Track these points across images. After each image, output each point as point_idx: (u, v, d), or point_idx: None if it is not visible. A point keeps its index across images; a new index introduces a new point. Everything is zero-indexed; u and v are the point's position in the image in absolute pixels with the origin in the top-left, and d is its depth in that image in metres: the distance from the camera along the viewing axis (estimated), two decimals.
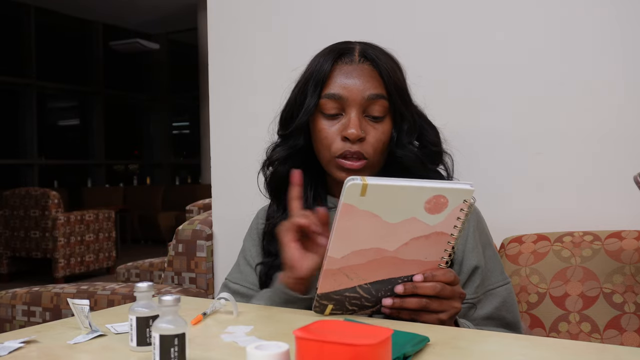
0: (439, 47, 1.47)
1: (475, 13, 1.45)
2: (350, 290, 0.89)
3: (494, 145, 1.42)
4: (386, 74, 1.06)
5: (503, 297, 1.08)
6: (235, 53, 1.75)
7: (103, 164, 10.01)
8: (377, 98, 1.05)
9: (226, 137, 1.77)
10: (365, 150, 1.05)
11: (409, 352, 0.72)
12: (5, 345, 0.78)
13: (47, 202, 5.43)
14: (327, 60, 1.08)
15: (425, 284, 0.87)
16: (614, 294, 1.18)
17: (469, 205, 0.83)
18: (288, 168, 1.10)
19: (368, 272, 0.87)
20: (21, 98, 8.86)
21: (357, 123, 1.04)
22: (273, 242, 1.10)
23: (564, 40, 1.37)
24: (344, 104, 1.06)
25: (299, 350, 0.59)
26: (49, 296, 1.98)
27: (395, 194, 0.81)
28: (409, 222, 0.83)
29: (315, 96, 1.07)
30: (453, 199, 0.82)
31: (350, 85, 1.05)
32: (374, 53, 1.08)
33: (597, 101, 1.34)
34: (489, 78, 1.43)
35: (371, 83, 1.06)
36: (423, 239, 0.85)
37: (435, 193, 0.81)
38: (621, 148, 1.33)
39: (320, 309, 0.92)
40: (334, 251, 0.85)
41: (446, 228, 0.84)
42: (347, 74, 1.06)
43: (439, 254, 0.87)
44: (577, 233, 1.28)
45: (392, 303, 0.88)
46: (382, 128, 1.07)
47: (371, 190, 0.80)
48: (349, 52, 1.09)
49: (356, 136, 1.03)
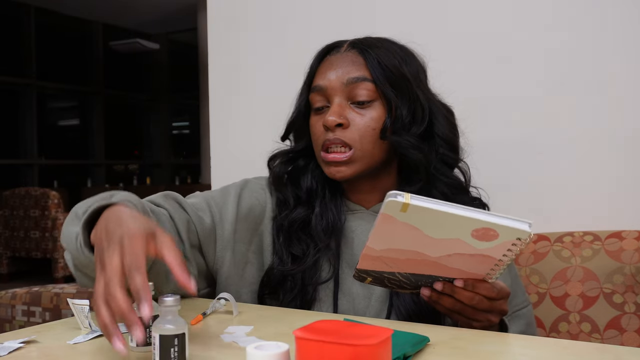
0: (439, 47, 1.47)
1: (476, 13, 1.45)
2: (389, 273, 0.86)
3: (494, 145, 1.42)
4: (370, 57, 0.99)
5: (527, 318, 1.05)
6: (235, 53, 1.74)
7: (103, 164, 10.00)
8: (357, 81, 0.98)
9: (226, 137, 1.77)
10: (349, 137, 0.98)
11: (409, 352, 0.72)
12: (5, 345, 0.78)
13: (47, 202, 5.43)
14: (317, 57, 1.06)
15: (464, 292, 0.82)
16: (614, 294, 1.18)
17: (522, 242, 0.75)
18: (287, 169, 1.08)
19: (408, 266, 0.83)
20: (21, 98, 8.85)
21: (336, 110, 0.98)
22: (292, 242, 1.03)
23: (564, 41, 1.37)
24: (327, 95, 1.01)
25: (299, 350, 0.59)
26: (49, 296, 1.98)
27: (440, 217, 0.73)
28: (454, 241, 0.76)
29: (304, 93, 1.05)
30: (505, 234, 0.74)
31: (330, 75, 1.01)
32: (365, 42, 1.03)
33: (597, 101, 1.34)
34: (489, 78, 1.43)
35: (352, 67, 1.00)
36: (467, 256, 0.79)
37: (485, 226, 0.73)
38: (621, 148, 1.33)
39: (360, 278, 0.89)
40: (373, 243, 0.80)
41: (494, 254, 0.77)
42: (330, 65, 1.03)
43: (484, 270, 0.82)
44: (577, 233, 1.28)
45: (430, 295, 0.84)
46: (370, 114, 0.99)
47: (413, 210, 0.73)
48: (339, 45, 1.06)
49: (332, 122, 0.97)
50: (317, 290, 1.02)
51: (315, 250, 1.01)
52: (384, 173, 1.05)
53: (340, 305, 1.01)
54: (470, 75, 1.45)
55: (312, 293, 1.01)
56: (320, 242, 1.02)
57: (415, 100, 1.01)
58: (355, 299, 1.02)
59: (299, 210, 1.05)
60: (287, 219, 1.04)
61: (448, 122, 1.05)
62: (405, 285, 0.89)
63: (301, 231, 1.04)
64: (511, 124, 1.41)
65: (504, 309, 0.87)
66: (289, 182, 1.08)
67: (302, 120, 1.07)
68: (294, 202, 1.06)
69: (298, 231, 1.04)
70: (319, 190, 1.06)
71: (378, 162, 1.02)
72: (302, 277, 1.01)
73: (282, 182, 1.08)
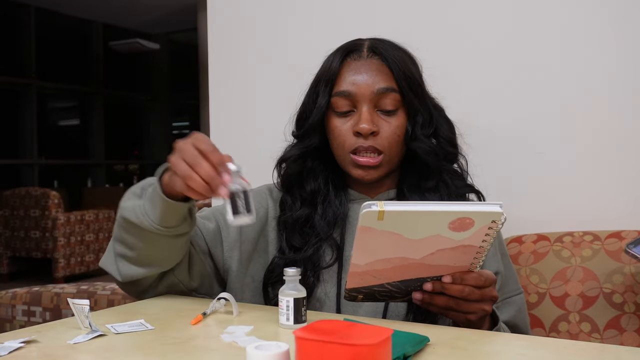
0: (439, 46, 1.47)
1: (475, 12, 1.45)
2: (378, 286, 0.88)
3: (494, 144, 1.42)
4: (395, 67, 1.06)
5: (518, 305, 1.10)
6: (235, 53, 1.74)
7: (103, 164, 10.00)
8: (387, 91, 1.05)
9: (226, 137, 1.77)
10: (380, 144, 1.04)
11: (409, 352, 0.72)
12: (5, 345, 0.78)
13: (47, 202, 5.43)
14: (336, 58, 1.08)
15: (454, 286, 0.86)
16: (614, 294, 1.18)
17: (497, 224, 0.78)
18: (300, 165, 1.12)
19: (395, 274, 0.85)
20: (21, 98, 8.85)
21: (368, 117, 1.04)
22: (295, 236, 1.09)
23: (565, 40, 1.37)
24: (355, 100, 1.06)
25: (299, 350, 0.59)
26: (49, 296, 1.98)
27: (416, 217, 0.77)
28: (433, 238, 0.79)
29: (327, 95, 1.08)
30: (480, 220, 0.77)
31: (359, 81, 1.05)
32: (383, 47, 1.08)
33: (597, 101, 1.34)
34: (490, 77, 1.43)
35: (380, 77, 1.05)
36: (449, 250, 0.81)
37: (459, 216, 0.76)
38: (621, 148, 1.33)
39: (350, 298, 0.92)
40: (357, 259, 0.83)
41: (474, 242, 0.81)
42: (355, 70, 1.06)
43: (468, 260, 0.84)
44: (577, 233, 1.28)
45: (422, 298, 0.88)
46: (396, 122, 1.06)
47: (389, 216, 0.76)
48: (358, 49, 1.09)
49: (368, 130, 1.03)
50: (321, 273, 1.07)
51: (317, 240, 1.08)
52: (392, 169, 1.11)
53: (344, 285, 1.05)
54: (471, 75, 1.45)
55: (316, 277, 1.07)
56: (323, 234, 1.08)
57: (427, 106, 1.09)
58: None
59: (303, 209, 1.10)
60: (291, 218, 1.11)
61: (447, 122, 1.13)
62: (397, 295, 0.91)
63: (304, 227, 1.10)
64: (511, 124, 1.41)
65: (494, 295, 0.90)
66: (295, 185, 1.13)
67: (321, 120, 1.10)
68: (299, 203, 1.11)
69: (302, 227, 1.10)
70: (323, 190, 1.11)
71: (398, 164, 1.10)
72: (304, 263, 1.06)
73: (291, 184, 1.13)
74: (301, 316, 0.87)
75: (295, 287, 0.88)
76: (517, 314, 1.09)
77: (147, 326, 0.88)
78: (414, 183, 1.09)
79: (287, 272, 0.88)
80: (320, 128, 1.10)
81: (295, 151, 1.13)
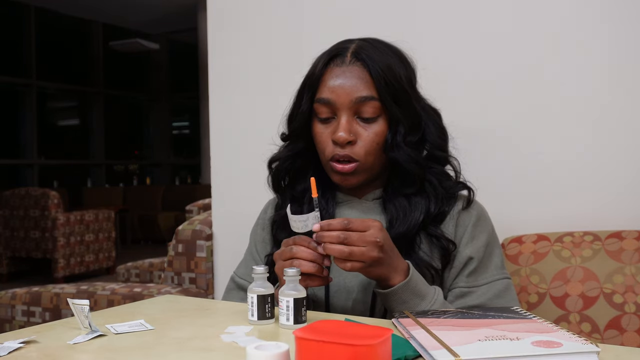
0: (439, 46, 1.47)
1: (474, 11, 1.45)
2: None
3: (494, 144, 1.42)
4: (376, 74, 1.04)
5: (498, 290, 1.07)
6: (235, 53, 1.74)
7: (103, 164, 10.00)
8: (366, 100, 1.04)
9: (226, 137, 1.77)
10: (356, 153, 1.05)
11: (410, 355, 0.72)
12: (4, 345, 0.78)
13: (47, 202, 5.42)
14: (320, 64, 1.09)
15: (329, 233, 0.91)
16: (614, 294, 1.18)
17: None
18: (290, 166, 1.15)
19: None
20: (21, 98, 8.86)
21: (345, 127, 1.05)
22: (282, 232, 1.12)
23: (566, 41, 1.37)
24: (334, 108, 1.07)
25: (299, 350, 0.59)
26: (49, 296, 1.98)
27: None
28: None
29: (308, 101, 1.09)
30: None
31: (338, 89, 1.06)
32: (367, 52, 1.07)
33: (597, 101, 1.34)
34: (490, 77, 1.43)
35: (361, 84, 1.05)
36: None
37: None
38: (621, 148, 1.32)
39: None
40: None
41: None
42: (336, 77, 1.07)
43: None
44: (577, 233, 1.28)
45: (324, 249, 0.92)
46: (375, 129, 1.06)
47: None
48: (342, 53, 1.08)
49: (344, 140, 1.04)
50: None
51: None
52: (379, 173, 1.12)
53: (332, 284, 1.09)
54: (471, 74, 1.45)
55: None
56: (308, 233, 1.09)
57: (413, 112, 1.08)
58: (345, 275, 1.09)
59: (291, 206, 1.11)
60: (278, 215, 1.16)
61: (438, 127, 1.12)
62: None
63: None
64: (511, 124, 1.41)
65: (376, 240, 0.92)
66: (286, 184, 1.17)
67: (305, 125, 1.12)
68: (290, 202, 1.13)
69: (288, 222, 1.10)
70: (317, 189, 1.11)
71: (379, 170, 1.11)
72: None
73: (281, 183, 1.18)
74: (301, 316, 0.88)
75: (295, 287, 0.88)
76: (494, 297, 1.06)
77: (147, 326, 0.88)
78: (397, 187, 1.10)
79: (287, 272, 0.89)
80: (306, 132, 1.12)
81: (285, 152, 1.16)
